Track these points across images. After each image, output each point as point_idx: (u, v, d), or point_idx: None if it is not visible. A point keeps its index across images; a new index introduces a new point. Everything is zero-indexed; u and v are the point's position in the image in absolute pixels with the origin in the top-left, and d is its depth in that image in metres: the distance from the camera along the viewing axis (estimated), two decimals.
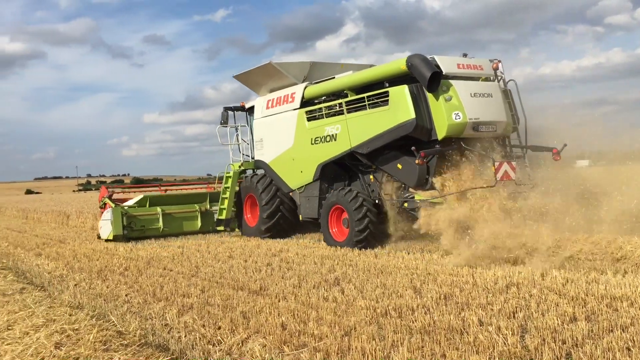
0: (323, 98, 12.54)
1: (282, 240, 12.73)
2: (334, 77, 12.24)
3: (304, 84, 12.80)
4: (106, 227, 14.82)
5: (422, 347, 4.75)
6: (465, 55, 10.84)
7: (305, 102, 12.66)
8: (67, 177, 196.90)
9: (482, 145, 10.09)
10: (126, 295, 7.58)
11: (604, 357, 4.31)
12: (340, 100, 11.60)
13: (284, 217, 13.49)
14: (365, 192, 11.40)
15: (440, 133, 9.99)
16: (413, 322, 5.41)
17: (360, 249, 10.64)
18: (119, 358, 4.42)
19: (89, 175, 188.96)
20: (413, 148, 9.94)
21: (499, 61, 10.87)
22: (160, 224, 15.25)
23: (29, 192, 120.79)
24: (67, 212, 22.74)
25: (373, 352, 4.65)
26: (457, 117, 9.87)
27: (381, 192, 11.24)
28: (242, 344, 5.16)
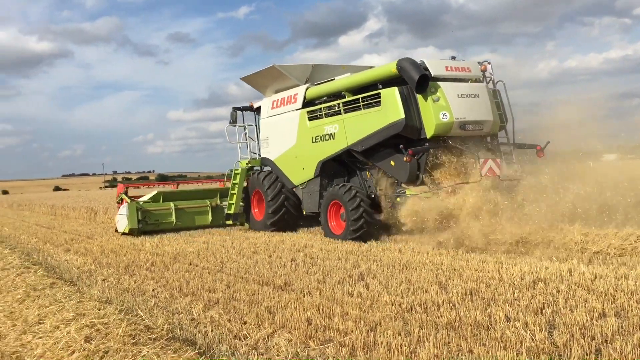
0: (324, 99, 13.10)
1: (306, 235, 12.77)
2: (333, 79, 12.87)
3: (306, 86, 13.43)
4: (122, 221, 15.68)
5: (449, 342, 4.73)
6: (453, 58, 11.44)
7: (307, 103, 13.30)
8: (93, 174, 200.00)
9: (469, 143, 10.75)
10: (153, 290, 7.68)
11: (634, 354, 4.24)
12: (338, 101, 12.24)
13: (288, 212, 14.07)
14: (362, 188, 12.04)
15: (429, 132, 10.63)
16: (439, 318, 5.39)
17: (356, 241, 11.19)
18: (147, 352, 4.47)
19: (115, 172, 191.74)
20: (401, 146, 10.76)
21: (489, 63, 11.55)
22: (173, 218, 16.08)
23: (57, 189, 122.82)
24: (94, 209, 23.07)
25: (399, 348, 4.64)
26: (444, 117, 10.51)
27: (376, 187, 11.85)
28: (268, 339, 5.20)
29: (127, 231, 15.44)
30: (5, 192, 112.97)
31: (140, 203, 16.17)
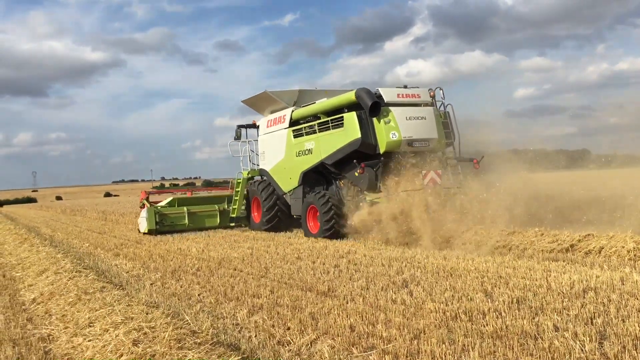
0: (308, 119, 15.20)
1: (349, 241, 12.76)
2: (314, 103, 15.07)
3: (292, 108, 15.85)
4: (143, 222, 18.22)
5: (494, 352, 4.64)
6: (405, 86, 13.58)
7: (292, 123, 15.67)
8: (142, 180, 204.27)
9: (416, 157, 12.77)
10: (199, 294, 7.79)
11: None
12: (314, 122, 14.58)
13: (280, 214, 16.42)
14: (336, 195, 14.19)
15: (382, 148, 12.85)
16: (484, 326, 5.29)
17: (329, 239, 13.41)
18: (193, 356, 4.54)
19: (163, 178, 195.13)
20: (355, 161, 12.96)
21: (441, 89, 13.91)
22: (186, 220, 18.50)
23: (107, 194, 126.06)
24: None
25: (443, 356, 4.58)
26: (393, 136, 12.71)
27: (346, 194, 13.89)
28: (311, 345, 5.21)
29: (146, 231, 17.83)
30: (59, 198, 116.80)
31: (158, 207, 18.56)
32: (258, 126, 17.93)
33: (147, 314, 5.92)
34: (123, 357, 4.70)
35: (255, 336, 5.58)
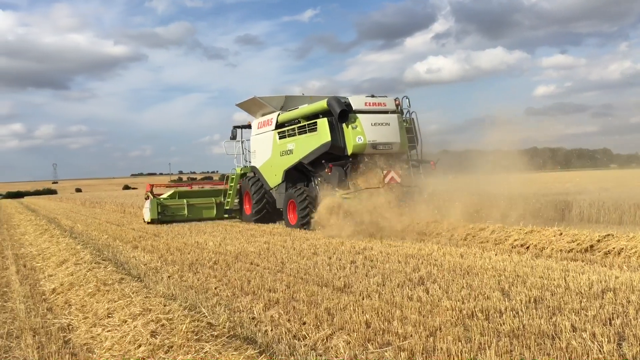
0: (295, 121, 16.68)
1: (366, 238, 12.76)
2: (297, 108, 16.72)
3: (278, 112, 17.61)
4: (147, 212, 20.22)
5: (511, 351, 4.61)
6: (372, 96, 15.23)
7: (278, 125, 17.48)
8: (160, 174, 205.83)
9: (379, 158, 14.54)
10: (215, 288, 7.85)
11: None
12: (295, 126, 16.45)
13: (268, 207, 18.29)
14: (313, 190, 15.75)
15: (349, 150, 14.68)
16: (501, 325, 5.27)
17: (303, 229, 15.39)
18: (210, 348, 4.58)
19: (181, 172, 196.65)
20: (323, 161, 14.94)
21: (407, 97, 15.77)
22: (185, 211, 20.41)
23: (126, 187, 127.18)
24: None
25: (459, 354, 4.56)
26: (359, 140, 14.53)
27: (321, 190, 15.23)
28: (327, 340, 5.22)
29: (149, 220, 19.82)
30: (78, 190, 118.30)
31: (161, 199, 20.48)
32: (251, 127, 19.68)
33: (164, 305, 5.97)
34: (141, 347, 4.75)
35: (271, 330, 5.61)
